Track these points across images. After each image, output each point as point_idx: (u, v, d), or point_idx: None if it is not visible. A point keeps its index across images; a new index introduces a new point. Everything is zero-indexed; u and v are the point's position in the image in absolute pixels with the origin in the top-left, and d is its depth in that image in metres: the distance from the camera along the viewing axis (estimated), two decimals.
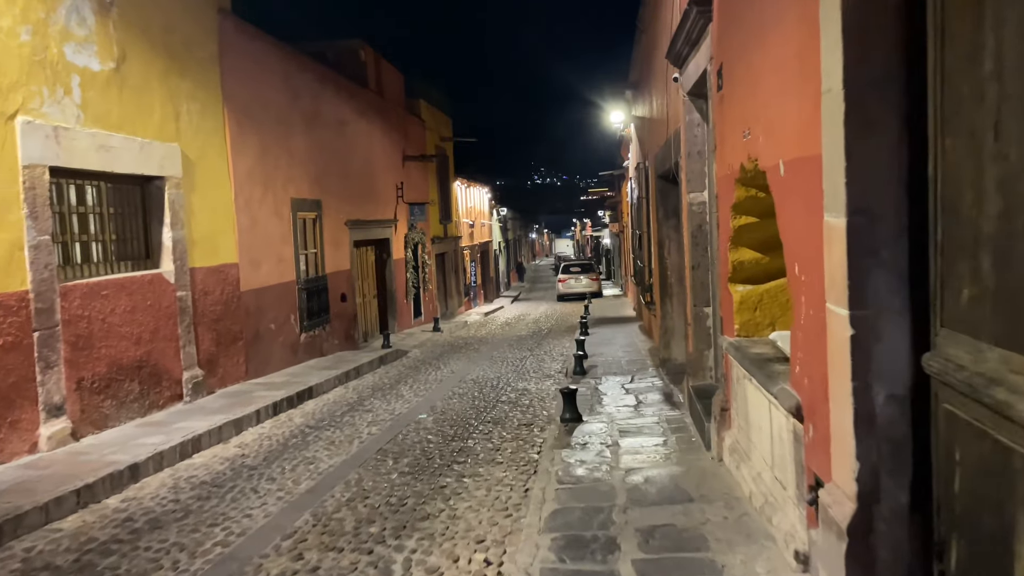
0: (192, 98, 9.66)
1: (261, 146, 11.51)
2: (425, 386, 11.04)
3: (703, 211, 6.90)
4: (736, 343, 4.91)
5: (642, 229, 13.51)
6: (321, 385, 10.72)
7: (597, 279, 33.41)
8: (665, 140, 8.86)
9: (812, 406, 3.24)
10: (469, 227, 29.82)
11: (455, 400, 9.75)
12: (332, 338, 14.07)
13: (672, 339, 10.85)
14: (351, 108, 15.76)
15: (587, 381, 10.32)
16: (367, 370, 12.65)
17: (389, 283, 18.12)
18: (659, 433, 6.65)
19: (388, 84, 19.30)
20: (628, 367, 11.30)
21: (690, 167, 6.93)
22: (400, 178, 18.90)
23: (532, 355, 14.18)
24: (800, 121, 3.22)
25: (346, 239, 15.14)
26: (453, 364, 13.35)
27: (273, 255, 11.82)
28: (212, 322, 9.90)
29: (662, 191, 10.79)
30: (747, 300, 5.03)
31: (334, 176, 14.57)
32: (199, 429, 7.72)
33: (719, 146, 5.28)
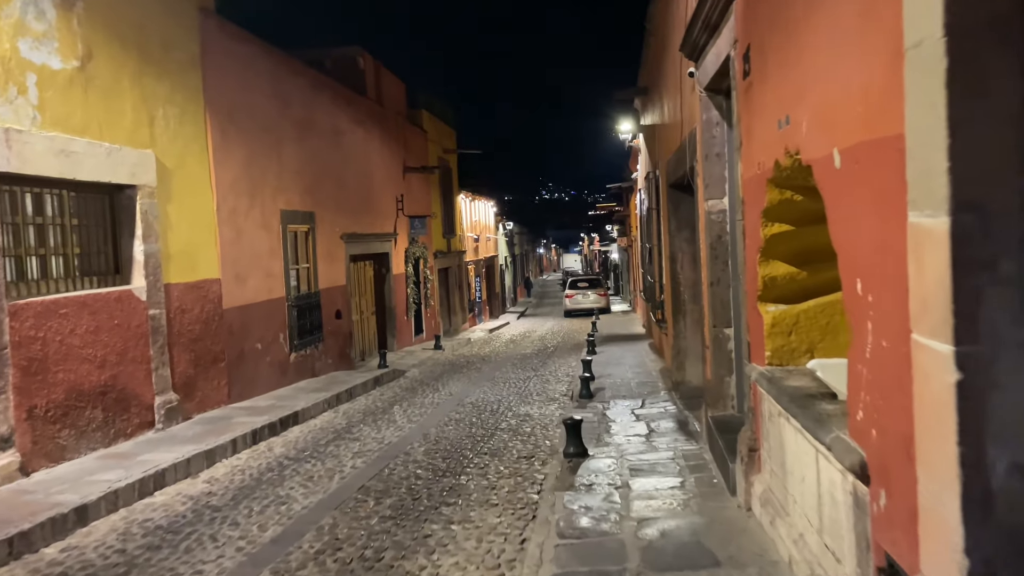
0: (170, 102, 9.00)
1: (247, 154, 10.85)
2: (420, 410, 10.29)
3: (723, 220, 6.16)
4: (768, 373, 4.15)
5: (652, 242, 12.76)
6: (308, 410, 9.98)
7: (605, 294, 32.63)
8: (678, 144, 8.14)
9: (884, 466, 2.48)
10: (474, 241, 29.13)
11: (451, 427, 8.98)
12: (325, 357, 13.34)
13: (686, 360, 10.07)
14: (348, 116, 15.13)
15: (594, 405, 9.55)
16: (360, 392, 11.90)
17: (388, 299, 17.41)
18: (675, 472, 5.87)
19: (388, 93, 18.68)
20: (638, 390, 10.52)
21: (708, 171, 6.20)
22: (400, 190, 18.24)
23: (536, 375, 13.41)
24: (866, 94, 2.48)
25: (342, 253, 14.45)
26: (452, 385, 12.59)
27: (260, 270, 11.12)
28: (190, 342, 9.19)
29: (674, 201, 10.05)
30: (780, 322, 4.27)
31: (329, 187, 13.90)
32: (165, 462, 6.98)
33: (745, 143, 4.54)
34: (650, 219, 13.02)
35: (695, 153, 6.68)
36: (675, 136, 8.85)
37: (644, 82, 13.90)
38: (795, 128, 3.38)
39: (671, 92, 9.31)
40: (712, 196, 6.17)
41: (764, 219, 4.15)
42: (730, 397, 6.19)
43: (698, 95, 6.36)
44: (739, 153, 4.70)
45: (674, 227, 10.10)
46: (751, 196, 4.41)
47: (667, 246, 10.77)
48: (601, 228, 61.49)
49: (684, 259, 10.03)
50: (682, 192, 9.90)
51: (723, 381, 6.21)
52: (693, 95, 6.82)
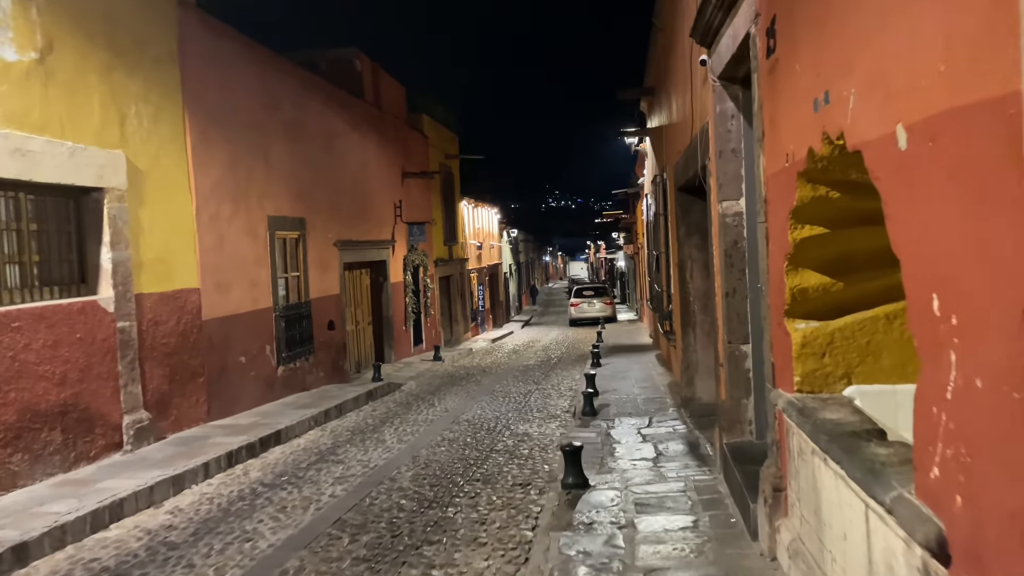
0: (144, 100, 8.43)
1: (231, 157, 10.27)
2: (413, 428, 9.65)
3: (739, 223, 5.52)
4: (798, 402, 3.51)
5: (659, 249, 12.11)
6: (293, 428, 9.35)
7: (611, 303, 31.96)
8: (688, 143, 7.51)
9: (976, 549, 1.83)
10: (477, 249, 28.53)
11: (443, 448, 8.35)
12: (317, 370, 12.73)
13: (695, 375, 9.43)
14: (343, 119, 14.55)
15: (597, 424, 8.90)
16: (351, 408, 11.27)
17: (386, 309, 16.80)
18: (687, 508, 5.21)
19: (387, 96, 18.12)
20: (645, 407, 9.86)
21: (722, 169, 5.56)
22: (399, 196, 17.65)
23: (538, 389, 12.76)
24: (950, 47, 1.84)
25: (335, 261, 13.85)
26: (449, 400, 11.95)
27: (245, 279, 10.52)
28: (164, 356, 8.58)
29: (683, 205, 9.42)
30: (812, 342, 3.62)
31: (322, 192, 13.32)
32: (125, 490, 6.36)
33: (768, 132, 3.91)
34: (657, 225, 12.38)
35: (707, 150, 6.05)
36: (684, 135, 8.22)
37: (650, 82, 13.29)
38: (838, 106, 2.74)
39: (680, 88, 8.68)
40: (727, 197, 5.53)
41: (793, 220, 3.51)
42: (748, 422, 5.54)
43: (711, 86, 5.74)
44: (761, 146, 4.06)
45: (683, 233, 9.47)
46: (776, 194, 3.78)
47: (675, 253, 10.14)
48: (607, 236, 60.89)
49: (694, 267, 9.40)
50: (692, 195, 9.28)
51: (740, 404, 5.56)
52: (705, 87, 6.20)
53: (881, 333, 3.60)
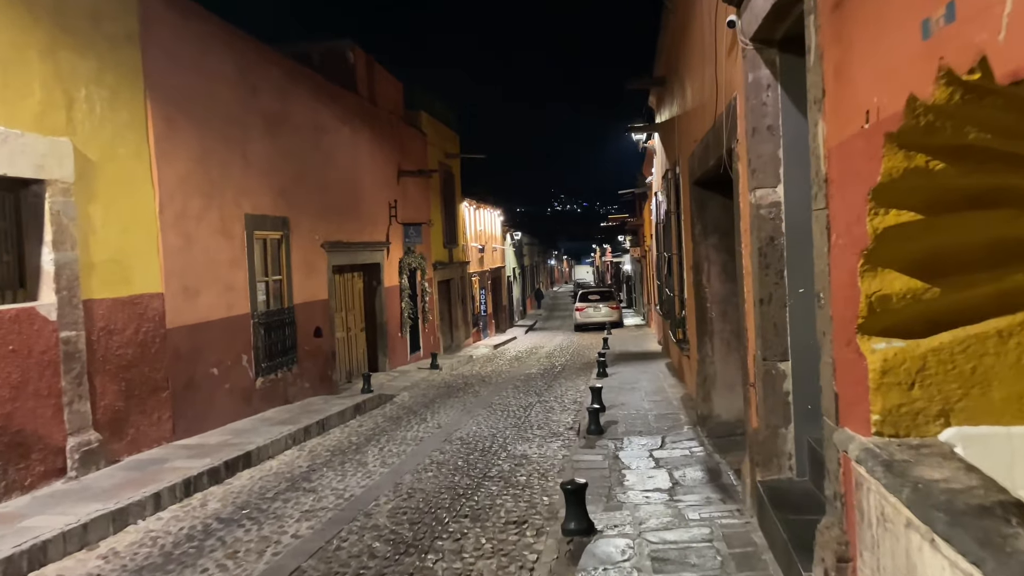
0: (97, 82, 7.53)
1: (202, 149, 9.36)
2: (399, 448, 8.72)
3: (776, 215, 4.58)
4: (881, 451, 2.57)
5: (671, 251, 11.16)
6: (266, 448, 8.43)
7: (617, 308, 30.98)
8: (709, 128, 6.57)
9: None
10: (478, 252, 27.60)
11: (430, 473, 7.41)
12: (302, 381, 11.80)
13: (713, 390, 8.47)
14: (332, 113, 13.65)
15: (604, 444, 7.96)
16: (335, 423, 10.34)
17: (379, 314, 15.88)
18: (716, 565, 4.25)
19: (383, 91, 17.22)
20: (657, 424, 8.92)
21: (755, 151, 4.62)
22: (394, 196, 16.74)
23: (540, 401, 11.82)
24: None
25: (323, 264, 12.94)
26: (443, 414, 11.02)
27: (218, 283, 9.61)
28: (120, 369, 7.67)
29: (699, 200, 8.48)
30: (897, 368, 2.68)
31: (308, 190, 12.41)
32: (53, 529, 5.44)
33: (833, 88, 2.97)
34: (668, 224, 11.43)
35: (735, 130, 5.11)
36: (703, 120, 7.28)
37: (661, 72, 12.35)
38: (974, 20, 1.80)
39: (696, 70, 7.75)
40: (761, 184, 4.59)
41: (873, 204, 2.57)
42: (787, 455, 4.59)
43: (739, 53, 4.80)
44: (819, 108, 3.12)
45: (699, 232, 8.52)
46: (845, 169, 2.83)
47: (690, 255, 9.20)
48: (613, 239, 59.95)
49: (711, 269, 8.45)
50: (709, 190, 8.34)
51: (777, 434, 4.61)
52: (731, 58, 5.26)
53: (992, 356, 2.66)
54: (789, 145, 4.51)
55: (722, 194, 8.36)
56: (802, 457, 4.54)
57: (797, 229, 4.51)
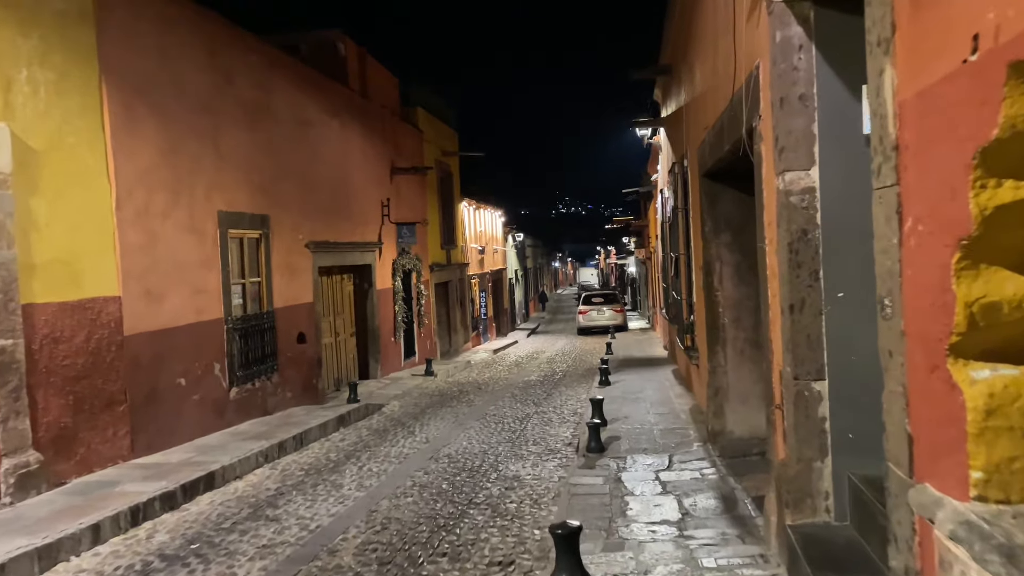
0: (40, 63, 6.78)
1: (168, 140, 8.61)
2: (380, 467, 7.94)
3: (810, 204, 3.79)
4: (990, 526, 1.78)
5: (678, 251, 10.36)
6: (233, 467, 7.66)
7: (622, 311, 30.15)
8: (724, 107, 5.78)
9: None
10: (478, 253, 26.82)
11: (410, 499, 6.63)
12: (283, 390, 11.03)
13: (726, 403, 7.68)
14: (320, 106, 12.90)
15: (605, 464, 7.18)
16: (315, 436, 9.57)
17: (371, 318, 15.10)
18: None
19: (376, 85, 16.46)
20: (663, 439, 8.13)
21: (784, 126, 3.83)
22: (387, 194, 15.97)
23: (537, 412, 11.03)
24: None
25: (308, 265, 12.17)
26: (433, 426, 10.24)
27: (186, 285, 8.85)
28: (67, 381, 6.91)
29: (710, 194, 7.69)
30: (1008, 405, 1.90)
31: (291, 187, 11.65)
32: None
33: (910, 17, 2.18)
34: (675, 222, 10.62)
35: (756, 106, 4.32)
36: (715, 103, 6.49)
37: (667, 59, 11.56)
38: None
39: (708, 47, 6.96)
40: (792, 166, 3.80)
41: (981, 171, 1.79)
42: (823, 495, 3.80)
43: (763, 12, 4.02)
44: (884, 51, 2.33)
45: (709, 229, 7.73)
46: (930, 128, 2.04)
47: (699, 255, 8.41)
48: (617, 241, 59.14)
49: (724, 271, 7.66)
50: (721, 183, 7.56)
51: (810, 468, 3.82)
52: (752, 22, 4.48)
53: None
54: (826, 118, 3.72)
55: (735, 187, 7.58)
56: (842, 497, 3.74)
57: (836, 219, 3.73)
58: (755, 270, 7.78)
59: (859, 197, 3.57)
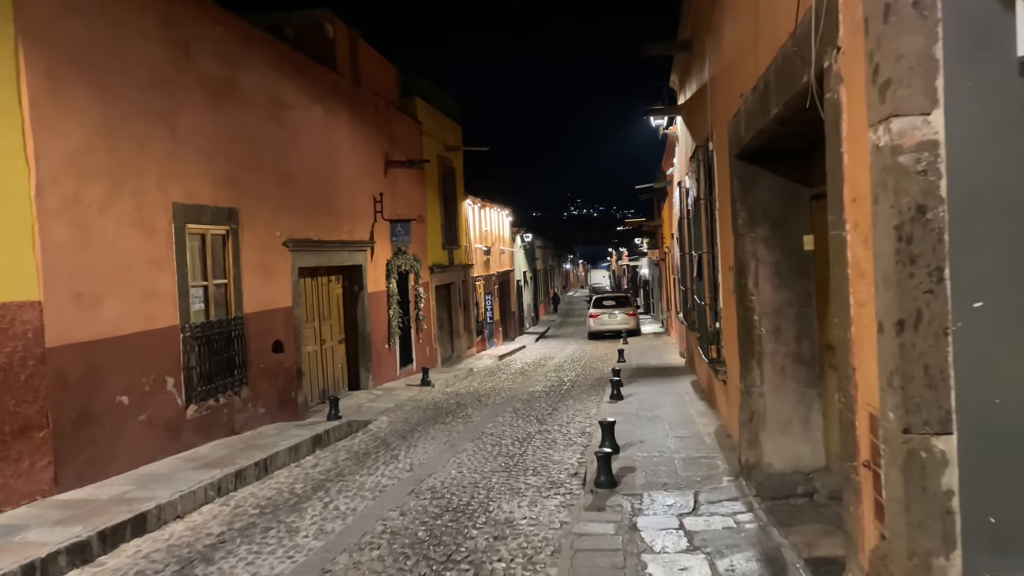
0: None
1: (107, 118, 7.40)
2: (351, 503, 6.69)
3: (930, 166, 2.49)
4: None
5: (701, 248, 9.04)
6: (174, 504, 6.43)
7: (634, 314, 28.83)
8: (772, 60, 4.48)
9: None
10: (484, 254, 25.56)
11: (376, 553, 5.37)
12: (254, 406, 9.81)
13: (762, 430, 6.37)
14: (301, 89, 11.68)
15: (617, 504, 5.91)
16: (284, 461, 8.34)
17: (362, 324, 13.85)
18: None
19: (369, 72, 15.25)
20: (686, 472, 6.83)
21: (888, 49, 2.54)
22: (380, 189, 14.73)
23: (540, 432, 9.76)
24: None
25: (286, 265, 10.94)
26: (421, 449, 8.98)
27: (131, 288, 7.65)
28: None
29: (744, 179, 6.40)
30: None
31: (265, 177, 10.44)
32: None
33: None
34: (697, 216, 9.30)
35: (834, 33, 3.03)
36: (756, 60, 5.20)
37: (687, 34, 10.25)
38: None
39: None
40: (902, 109, 2.51)
41: None
42: None
43: None
44: None
45: (742, 222, 6.43)
46: None
47: (729, 252, 7.11)
48: (630, 243, 57.82)
49: (760, 271, 6.37)
50: (758, 165, 6.27)
51: (929, 567, 2.52)
52: None
53: None
54: (956, 35, 2.43)
55: (775, 169, 6.28)
56: None
57: (972, 190, 2.44)
58: (799, 270, 6.48)
59: (1009, 156, 2.28)
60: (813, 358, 6.31)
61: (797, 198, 6.34)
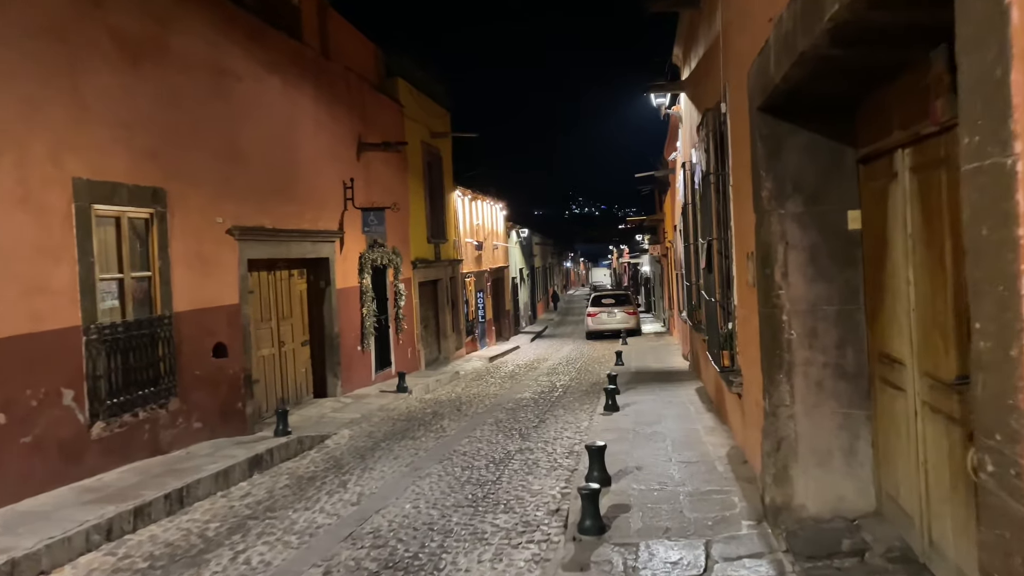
0: None
1: None
2: (267, 555, 5.27)
3: None
4: None
5: (711, 233, 7.58)
6: (37, 556, 5.01)
7: (635, 313, 27.39)
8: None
9: None
10: (475, 249, 24.10)
11: None
12: (189, 419, 8.38)
13: (793, 462, 4.95)
14: (254, 58, 10.24)
15: (605, 561, 4.51)
16: (210, 489, 6.92)
17: (329, 324, 12.42)
18: None
19: (342, 46, 13.82)
20: (695, 511, 5.39)
21: None
22: (351, 174, 13.28)
23: (522, 450, 8.33)
24: None
25: (232, 257, 9.51)
26: (377, 473, 7.57)
27: (12, 282, 6.22)
28: None
29: (771, 140, 4.97)
30: None
31: (204, 155, 9.01)
32: None
33: None
34: (706, 195, 7.84)
35: None
36: None
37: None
38: None
39: None
40: None
41: None
42: None
43: None
44: None
45: (769, 194, 4.99)
46: None
47: (750, 234, 5.67)
48: (631, 240, 56.37)
49: (791, 258, 4.93)
50: (790, 120, 4.86)
51: None
52: None
53: None
54: None
55: (811, 125, 4.85)
56: None
57: None
58: (842, 256, 5.02)
59: None
60: (860, 370, 4.88)
61: (839, 162, 4.91)
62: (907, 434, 4.23)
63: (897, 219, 4.19)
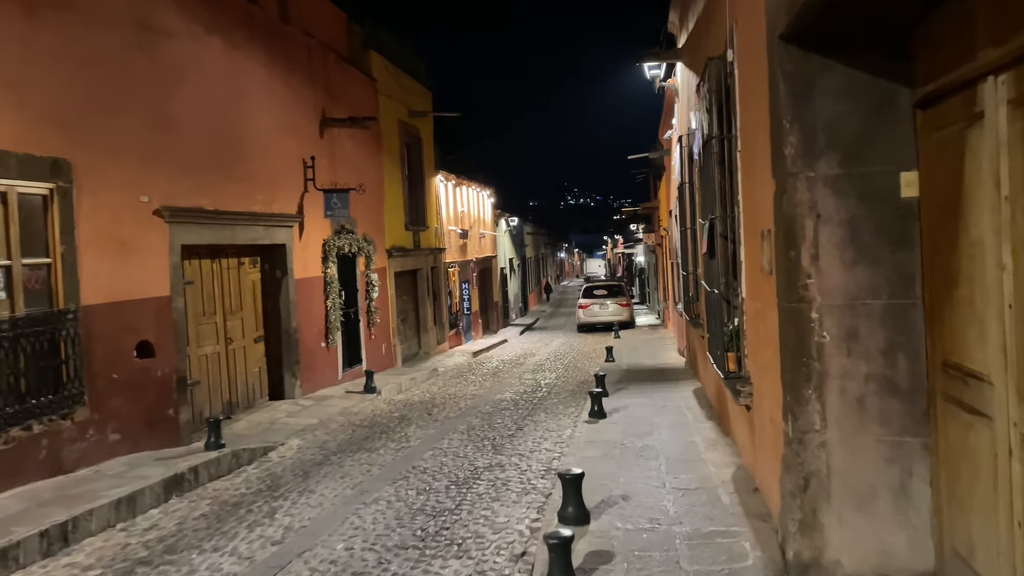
0: None
1: None
2: None
3: None
4: None
5: (714, 210, 6.34)
6: None
7: (628, 304, 26.24)
8: None
9: None
10: (460, 237, 22.83)
11: None
12: (100, 432, 7.16)
13: (825, 505, 3.76)
14: (190, 14, 8.96)
15: None
16: (107, 521, 5.71)
17: (286, 318, 11.17)
18: None
19: (305, 11, 12.52)
20: (693, 563, 4.20)
21: None
22: (312, 152, 12.00)
23: (491, 467, 7.14)
24: None
25: (161, 241, 8.26)
26: (315, 498, 6.36)
27: None
28: None
29: (798, 81, 3.76)
30: None
31: (125, 122, 7.76)
32: None
33: None
34: (708, 165, 6.59)
35: None
36: None
37: None
38: None
39: None
40: None
41: None
42: None
43: None
44: None
45: (795, 151, 3.77)
46: None
47: (763, 208, 4.45)
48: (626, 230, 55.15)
49: (823, 235, 3.73)
50: (824, 53, 3.63)
51: None
52: None
53: None
54: None
55: (851, 59, 3.63)
56: None
57: None
58: (892, 233, 3.71)
59: None
60: (916, 385, 3.69)
61: (889, 107, 3.70)
62: (992, 476, 3.04)
63: (982, 179, 2.99)
